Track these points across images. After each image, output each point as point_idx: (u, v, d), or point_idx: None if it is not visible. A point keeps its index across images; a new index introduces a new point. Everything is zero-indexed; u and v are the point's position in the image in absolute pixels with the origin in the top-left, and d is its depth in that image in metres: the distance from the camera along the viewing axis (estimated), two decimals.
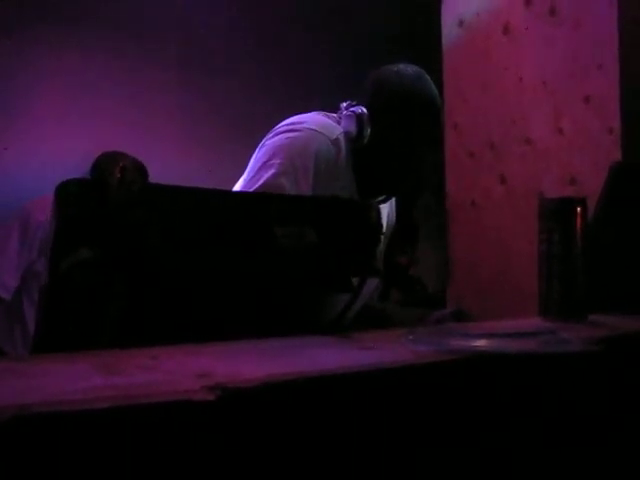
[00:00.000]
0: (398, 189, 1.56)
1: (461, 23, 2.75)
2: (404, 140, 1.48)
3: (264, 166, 1.36)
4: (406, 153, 1.49)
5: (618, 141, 2.16)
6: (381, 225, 0.94)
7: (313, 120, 1.47)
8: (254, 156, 1.46)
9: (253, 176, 1.37)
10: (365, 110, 1.45)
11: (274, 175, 1.33)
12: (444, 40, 2.82)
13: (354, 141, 1.46)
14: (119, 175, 0.78)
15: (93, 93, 3.04)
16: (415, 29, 3.33)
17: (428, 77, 1.54)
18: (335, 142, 1.43)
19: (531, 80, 2.46)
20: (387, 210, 1.59)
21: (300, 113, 1.54)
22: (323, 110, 1.57)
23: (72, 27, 3.01)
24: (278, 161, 1.35)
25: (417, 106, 1.48)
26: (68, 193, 0.80)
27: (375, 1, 3.65)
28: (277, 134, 1.43)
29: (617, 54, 2.18)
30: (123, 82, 3.12)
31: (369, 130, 1.45)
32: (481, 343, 0.72)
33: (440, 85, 2.74)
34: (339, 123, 1.49)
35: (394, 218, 1.67)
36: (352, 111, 1.46)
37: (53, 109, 2.97)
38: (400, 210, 1.65)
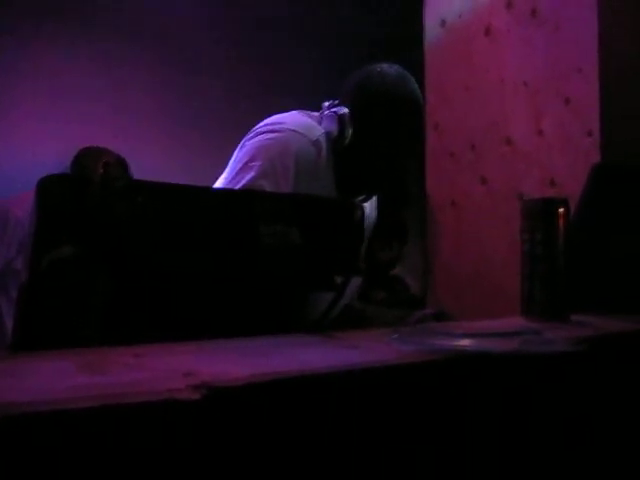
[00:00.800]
0: (378, 189, 1.56)
1: (443, 24, 2.76)
2: (386, 139, 1.48)
3: (244, 167, 1.35)
4: (388, 153, 1.49)
5: (597, 143, 2.18)
6: (363, 224, 0.94)
7: (293, 120, 1.46)
8: (234, 156, 1.45)
9: (233, 177, 1.36)
10: (347, 110, 1.45)
11: (254, 177, 1.32)
12: (426, 41, 2.83)
13: (335, 141, 1.45)
14: (102, 171, 0.77)
15: (76, 94, 3.02)
16: (397, 30, 3.34)
17: (411, 77, 1.54)
18: (315, 143, 1.42)
19: (512, 81, 2.48)
20: (368, 209, 1.59)
21: (281, 112, 1.53)
22: (305, 110, 1.57)
23: (56, 29, 2.98)
24: (258, 163, 1.34)
25: (399, 106, 1.48)
26: (49, 188, 0.78)
27: (358, 3, 3.66)
28: (257, 134, 1.42)
29: (597, 57, 2.20)
30: (106, 84, 3.10)
31: (350, 130, 1.44)
32: (465, 343, 0.73)
33: (422, 85, 2.75)
34: (320, 123, 1.48)
35: (375, 217, 1.68)
36: (334, 111, 1.46)
37: (36, 109, 2.95)
38: (385, 208, 1.65)
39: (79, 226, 0.76)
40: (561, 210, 1.05)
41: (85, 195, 0.76)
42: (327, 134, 1.45)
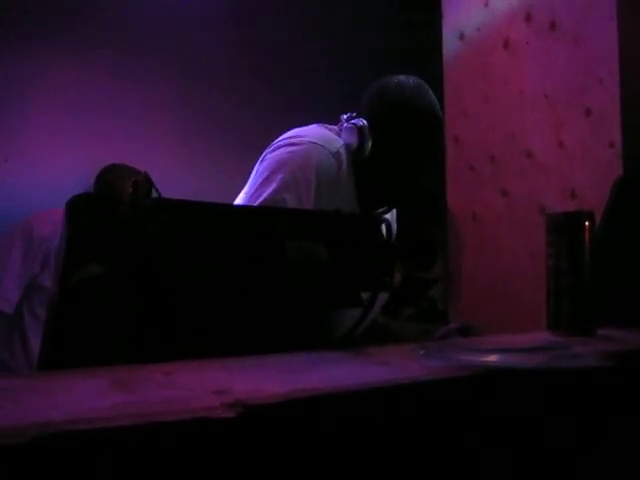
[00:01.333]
0: (399, 200, 1.56)
1: (462, 37, 2.77)
2: (405, 150, 1.48)
3: (266, 181, 1.36)
4: (407, 163, 1.49)
5: (619, 155, 2.16)
6: (391, 239, 0.94)
7: (314, 133, 1.47)
8: (255, 170, 1.46)
9: (255, 191, 1.36)
10: (366, 122, 1.45)
11: (276, 190, 1.33)
12: (445, 54, 2.84)
13: (355, 153, 1.46)
14: (131, 190, 0.78)
15: (92, 107, 3.05)
16: (416, 42, 3.35)
17: (428, 88, 1.54)
18: (336, 155, 1.43)
19: (532, 94, 2.47)
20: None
21: (299, 126, 1.54)
22: (323, 122, 1.57)
23: (72, 41, 3.02)
24: (280, 175, 1.35)
25: (418, 117, 1.48)
26: (79, 207, 0.80)
27: (375, 15, 3.68)
28: (278, 147, 1.43)
29: (617, 68, 2.19)
30: (122, 97, 3.13)
31: (370, 142, 1.45)
32: (493, 358, 0.72)
33: (441, 98, 2.76)
34: (339, 135, 1.49)
35: (394, 229, 1.67)
36: (353, 123, 1.46)
37: (53, 122, 2.98)
38: (413, 224, 1.65)
39: (108, 245, 0.77)
40: (586, 224, 1.05)
41: (114, 214, 0.77)
42: (347, 146, 1.45)
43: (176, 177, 2.97)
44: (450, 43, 2.82)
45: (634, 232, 1.24)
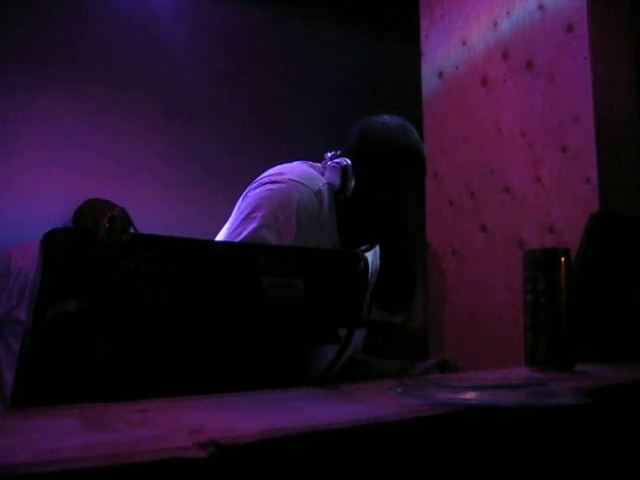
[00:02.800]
0: (381, 239, 1.57)
1: (440, 75, 2.81)
2: (387, 190, 1.48)
3: (247, 219, 1.36)
4: (390, 203, 1.49)
5: (595, 190, 2.19)
6: (367, 275, 0.94)
7: (296, 171, 1.47)
8: (237, 207, 1.46)
9: (236, 228, 1.37)
10: (349, 162, 1.46)
11: (256, 228, 1.33)
12: (424, 91, 2.88)
13: (338, 192, 1.46)
14: (107, 225, 0.78)
15: (76, 141, 3.05)
16: (395, 81, 3.40)
17: (412, 128, 1.56)
18: (318, 193, 1.44)
19: (509, 130, 2.51)
20: (371, 258, 1.59)
21: (282, 163, 1.55)
22: (306, 160, 1.58)
23: (57, 76, 3.03)
24: (260, 214, 1.35)
25: (400, 157, 1.49)
26: (55, 242, 0.79)
27: (358, 54, 3.73)
28: (260, 185, 1.43)
29: (592, 107, 2.24)
30: (107, 132, 3.14)
31: (353, 182, 1.45)
32: (470, 396, 0.72)
33: (420, 134, 2.79)
34: (323, 174, 1.50)
35: (377, 266, 1.68)
36: (337, 162, 1.47)
37: (36, 156, 2.98)
38: (391, 260, 1.66)
39: (84, 280, 0.77)
40: (563, 259, 1.06)
41: (90, 249, 0.77)
42: (329, 185, 1.46)
43: (160, 212, 2.97)
44: (429, 81, 2.86)
45: (610, 267, 1.26)
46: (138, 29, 3.30)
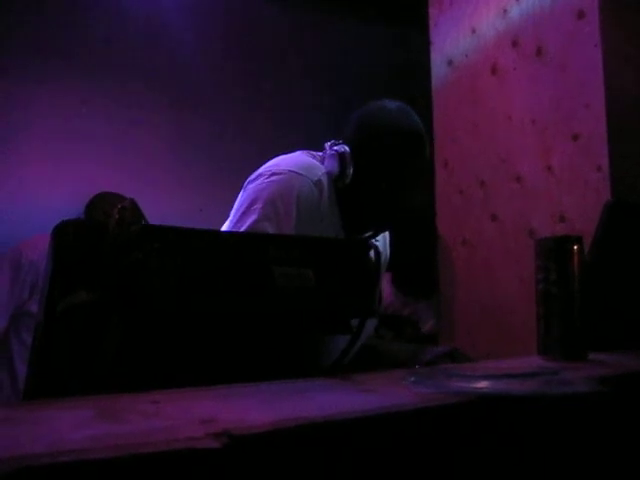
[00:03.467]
0: (385, 225, 1.56)
1: (450, 63, 2.79)
2: (389, 175, 1.47)
3: (247, 211, 1.36)
4: (391, 188, 1.48)
5: (607, 179, 2.18)
6: (380, 265, 0.94)
7: (295, 162, 1.47)
8: (238, 198, 1.46)
9: (237, 222, 1.37)
10: (347, 149, 1.46)
11: (256, 220, 1.33)
12: (433, 80, 2.86)
13: (337, 180, 1.46)
14: (117, 216, 0.78)
15: (84, 135, 3.06)
16: (404, 69, 3.39)
17: (412, 111, 1.54)
18: (317, 183, 1.43)
19: (520, 119, 2.49)
20: (380, 246, 1.58)
21: (287, 153, 1.54)
22: (309, 149, 1.57)
23: (65, 70, 3.03)
24: (260, 206, 1.35)
25: (400, 140, 1.48)
26: (65, 234, 0.79)
27: (360, 43, 3.71)
28: (259, 177, 1.43)
29: (603, 94, 2.22)
30: (113, 124, 3.14)
31: (351, 169, 1.45)
32: (484, 385, 0.72)
33: (430, 123, 2.78)
34: (323, 162, 1.49)
35: (388, 254, 1.67)
36: (335, 150, 1.46)
37: (44, 150, 2.98)
38: (405, 251, 1.64)
39: (94, 272, 0.76)
40: (575, 248, 1.05)
41: (101, 240, 0.77)
42: (329, 173, 1.46)
43: (167, 203, 2.97)
44: (439, 69, 2.84)
45: (623, 256, 1.24)
46: (144, 22, 3.30)
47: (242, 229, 1.33)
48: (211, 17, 3.48)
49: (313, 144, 1.62)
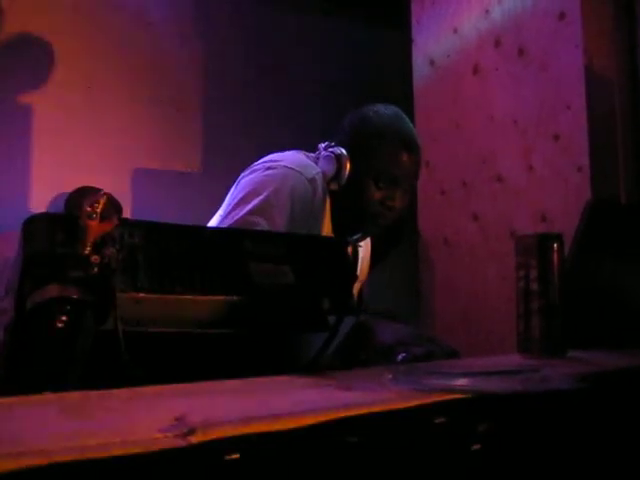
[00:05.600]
0: (375, 229, 1.55)
1: (432, 63, 2.79)
2: (384, 179, 1.47)
3: (240, 203, 1.36)
4: (386, 192, 1.48)
5: (587, 178, 2.19)
6: (357, 262, 0.93)
7: (290, 158, 1.47)
8: (230, 192, 1.46)
9: (229, 213, 1.36)
10: (344, 151, 1.46)
11: (249, 212, 1.33)
12: (415, 79, 2.86)
13: (331, 181, 1.46)
14: (89, 209, 0.76)
15: (65, 128, 3.01)
16: (387, 70, 3.38)
17: (406, 117, 1.55)
18: (312, 181, 1.43)
19: (501, 119, 2.50)
20: (363, 250, 1.57)
21: (279, 151, 1.54)
22: (302, 149, 1.57)
23: (46, 63, 2.99)
24: (254, 199, 1.35)
25: (397, 145, 1.48)
26: (36, 228, 0.77)
27: (348, 43, 3.70)
28: (254, 171, 1.43)
29: (584, 94, 2.23)
30: (95, 118, 3.10)
31: (347, 171, 1.45)
32: (462, 382, 0.71)
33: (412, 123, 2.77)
34: (317, 163, 1.49)
35: (369, 257, 1.66)
36: (331, 151, 1.46)
37: (22, 144, 2.94)
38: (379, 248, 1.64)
39: (66, 266, 0.74)
40: (555, 245, 1.04)
41: (73, 234, 0.75)
42: (323, 174, 1.46)
43: (153, 199, 2.95)
44: (421, 69, 2.84)
45: (604, 254, 1.24)
46: (125, 13, 3.26)
47: (234, 220, 1.33)
48: (215, 17, 3.45)
49: (304, 144, 1.61)
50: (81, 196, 2.34)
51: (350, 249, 0.91)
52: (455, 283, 2.66)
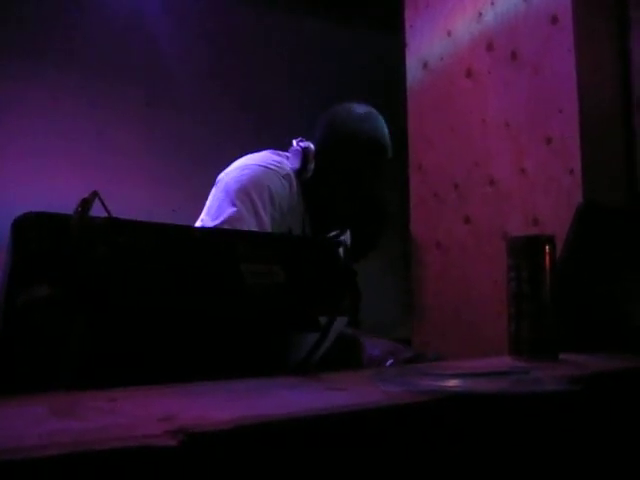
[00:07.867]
0: (345, 224, 1.57)
1: (425, 66, 2.80)
2: (346, 176, 1.50)
3: (222, 204, 1.38)
4: (348, 189, 1.50)
5: (579, 181, 2.20)
6: (349, 263, 0.92)
7: (263, 158, 1.51)
8: (210, 196, 1.48)
9: (213, 213, 1.38)
10: (312, 145, 1.49)
11: (234, 212, 1.35)
12: (408, 82, 2.86)
13: (299, 175, 1.48)
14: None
15: (58, 131, 3.01)
16: (383, 73, 3.39)
17: (380, 116, 1.56)
18: (286, 177, 1.48)
19: (494, 122, 2.50)
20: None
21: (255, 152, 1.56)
22: (280, 148, 1.59)
23: (39, 65, 2.98)
24: (235, 197, 1.38)
25: (360, 143, 1.51)
26: (26, 226, 0.76)
27: (341, 46, 3.70)
28: (229, 173, 1.47)
29: (576, 98, 2.24)
30: (89, 120, 3.10)
31: (313, 164, 1.47)
32: (453, 383, 0.71)
33: (404, 126, 2.78)
34: (289, 160, 1.52)
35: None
36: (300, 146, 1.49)
37: (17, 146, 2.93)
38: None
39: (56, 265, 0.74)
40: (547, 247, 1.04)
41: (63, 233, 0.74)
42: (293, 170, 1.48)
43: (142, 201, 2.94)
44: (414, 72, 2.85)
45: (595, 257, 1.25)
46: (123, 20, 3.26)
47: (219, 220, 1.35)
48: (190, 18, 3.45)
49: (288, 143, 1.62)
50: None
51: (343, 249, 0.91)
52: (447, 285, 2.67)
